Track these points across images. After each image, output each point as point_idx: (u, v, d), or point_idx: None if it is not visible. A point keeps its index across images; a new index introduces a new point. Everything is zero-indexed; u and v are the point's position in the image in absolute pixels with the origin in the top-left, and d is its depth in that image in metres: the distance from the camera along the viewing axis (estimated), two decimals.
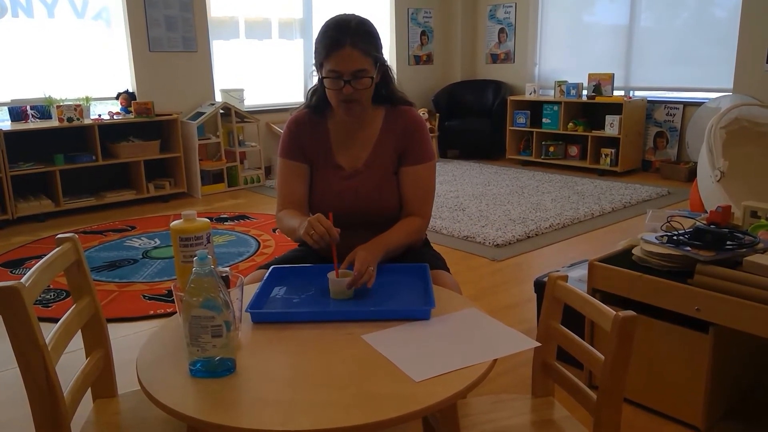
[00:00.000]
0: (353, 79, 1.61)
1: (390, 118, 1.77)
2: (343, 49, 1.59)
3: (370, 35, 1.65)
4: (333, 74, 1.62)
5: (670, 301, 1.84)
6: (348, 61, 1.59)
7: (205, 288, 1.09)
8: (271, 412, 1.00)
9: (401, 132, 1.76)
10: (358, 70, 1.61)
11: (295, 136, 1.79)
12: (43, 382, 1.03)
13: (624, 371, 1.18)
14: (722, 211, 2.01)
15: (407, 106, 1.80)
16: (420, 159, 1.77)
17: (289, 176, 1.80)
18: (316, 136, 1.78)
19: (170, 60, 5.49)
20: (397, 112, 1.78)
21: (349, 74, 1.61)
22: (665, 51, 6.01)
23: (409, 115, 1.78)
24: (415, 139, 1.77)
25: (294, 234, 1.67)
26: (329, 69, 1.62)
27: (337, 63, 1.60)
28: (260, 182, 5.87)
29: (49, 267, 1.20)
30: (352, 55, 1.59)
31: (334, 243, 1.49)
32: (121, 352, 2.47)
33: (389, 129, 1.76)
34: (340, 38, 1.59)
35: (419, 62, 7.39)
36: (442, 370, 1.11)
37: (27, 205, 4.68)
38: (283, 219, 1.76)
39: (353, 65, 1.60)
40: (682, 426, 1.92)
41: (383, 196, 1.76)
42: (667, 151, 6.05)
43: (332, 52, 1.60)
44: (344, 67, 1.60)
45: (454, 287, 1.66)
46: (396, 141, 1.76)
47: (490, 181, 5.79)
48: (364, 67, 1.62)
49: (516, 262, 3.55)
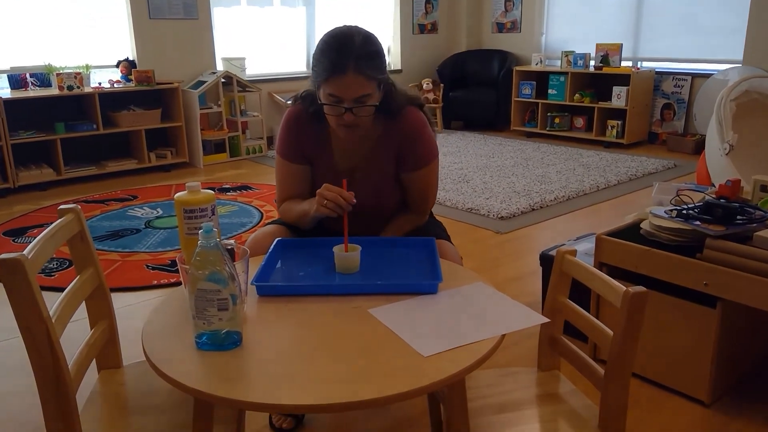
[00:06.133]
0: (356, 105, 1.51)
1: (389, 123, 1.66)
2: (345, 75, 1.46)
3: (375, 56, 1.51)
4: (333, 99, 1.51)
5: (678, 275, 1.83)
6: (351, 87, 1.48)
7: (211, 261, 1.07)
8: (278, 386, 0.99)
9: (400, 137, 1.67)
10: (361, 96, 1.50)
11: (295, 136, 1.70)
12: (48, 354, 1.02)
13: (633, 347, 1.17)
14: (732, 185, 1.99)
15: (408, 107, 1.68)
16: (419, 164, 1.70)
17: (290, 177, 1.74)
18: (315, 137, 1.69)
19: (171, 27, 5.39)
20: (396, 116, 1.67)
21: (351, 101, 1.50)
22: (674, 20, 5.90)
23: (408, 120, 1.67)
24: (414, 144, 1.68)
25: (307, 216, 1.65)
26: (329, 93, 1.50)
27: (338, 89, 1.48)
28: (262, 152, 5.83)
29: (51, 238, 1.19)
30: (355, 81, 1.47)
31: (349, 206, 1.48)
32: (125, 322, 2.48)
33: (388, 134, 1.68)
34: (343, 62, 1.45)
35: (423, 31, 7.27)
36: (450, 345, 1.10)
37: (28, 174, 4.66)
38: (290, 208, 1.73)
39: (356, 92, 1.49)
40: (686, 399, 1.93)
41: (381, 201, 1.73)
42: (673, 123, 5.98)
43: (334, 76, 1.47)
44: (346, 94, 1.48)
45: (456, 257, 1.66)
46: (394, 145, 1.68)
47: (494, 152, 5.74)
48: (368, 92, 1.50)
49: (520, 235, 3.54)
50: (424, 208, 1.80)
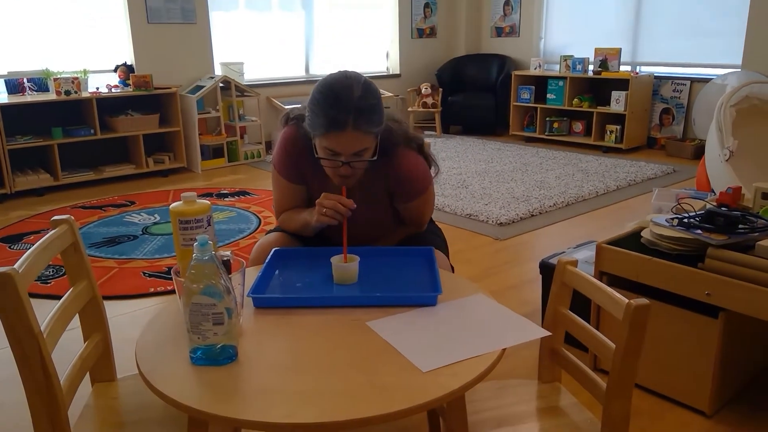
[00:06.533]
0: (353, 159, 1.48)
1: (381, 161, 1.58)
2: (344, 132, 1.43)
3: (374, 110, 1.47)
4: (330, 153, 1.48)
5: (680, 285, 1.81)
6: (349, 144, 1.45)
7: (206, 274, 1.05)
8: (274, 403, 0.97)
9: (391, 177, 1.65)
10: (359, 151, 1.47)
11: (292, 158, 1.68)
12: (39, 370, 1.00)
13: (635, 360, 1.15)
14: (733, 193, 1.97)
15: (401, 148, 1.63)
16: (412, 197, 1.69)
17: (288, 191, 1.73)
18: (311, 163, 1.64)
19: (169, 32, 5.38)
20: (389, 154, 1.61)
21: (348, 156, 1.47)
22: (673, 25, 5.89)
23: (398, 162, 1.62)
24: (404, 183, 1.65)
25: (308, 226, 1.65)
26: (326, 146, 1.47)
27: (336, 145, 1.46)
28: (261, 157, 5.81)
29: (44, 251, 1.17)
30: (354, 137, 1.44)
31: (348, 211, 1.48)
32: (121, 331, 2.47)
33: (379, 172, 1.63)
34: (342, 119, 1.42)
35: (422, 35, 7.26)
36: (450, 360, 1.08)
37: (25, 179, 4.63)
38: (289, 218, 1.73)
39: (354, 148, 1.46)
40: (687, 410, 1.91)
41: (375, 231, 1.75)
42: (672, 128, 5.97)
43: (331, 131, 1.44)
44: (344, 149, 1.46)
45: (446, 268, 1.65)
46: (387, 182, 1.66)
47: (493, 157, 5.72)
48: (366, 147, 1.48)
49: (519, 242, 3.52)
50: (420, 223, 1.80)
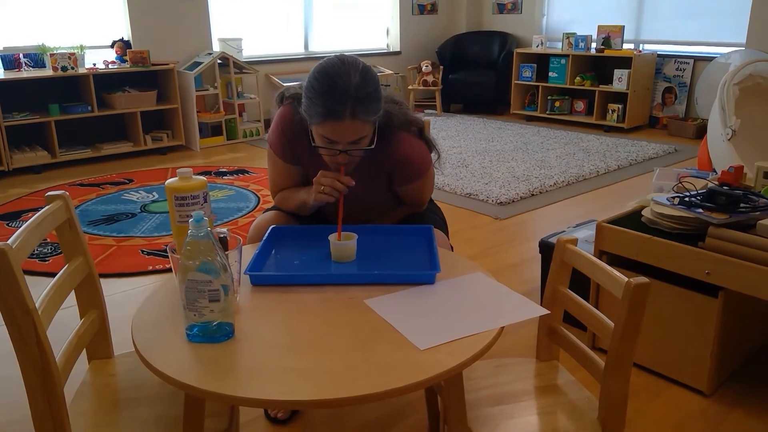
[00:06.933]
0: (350, 147, 1.46)
1: (380, 146, 1.55)
2: (341, 122, 1.40)
3: (373, 97, 1.43)
4: (327, 141, 1.46)
5: (680, 264, 1.80)
6: (347, 133, 1.43)
7: (202, 251, 1.04)
8: (271, 381, 0.97)
9: (390, 161, 1.62)
10: (357, 139, 1.45)
11: (288, 139, 1.65)
12: (34, 347, 1.00)
13: (634, 339, 1.14)
14: (734, 172, 1.95)
15: (402, 133, 1.61)
16: (412, 179, 1.67)
17: (284, 172, 1.71)
18: (307, 145, 1.60)
19: (166, 6, 5.30)
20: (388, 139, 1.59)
21: (346, 144, 1.45)
22: (677, 3, 5.80)
23: (398, 147, 1.60)
24: (404, 167, 1.63)
25: (305, 205, 1.64)
26: (323, 134, 1.45)
27: (334, 133, 1.43)
28: (259, 135, 5.77)
29: (38, 227, 1.15)
30: (352, 126, 1.42)
31: (346, 188, 1.47)
32: (120, 309, 2.46)
33: (377, 157, 1.60)
34: (340, 108, 1.39)
35: (423, 12, 7.17)
36: (448, 338, 1.07)
37: (22, 157, 4.60)
38: (286, 197, 1.72)
39: (352, 136, 1.44)
40: (685, 389, 1.91)
41: (373, 211, 1.74)
42: (675, 107, 5.92)
43: (328, 120, 1.41)
44: (341, 138, 1.44)
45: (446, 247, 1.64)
46: (385, 165, 1.64)
47: (494, 136, 5.69)
48: (364, 135, 1.46)
49: (520, 221, 3.51)
50: (420, 204, 1.78)
